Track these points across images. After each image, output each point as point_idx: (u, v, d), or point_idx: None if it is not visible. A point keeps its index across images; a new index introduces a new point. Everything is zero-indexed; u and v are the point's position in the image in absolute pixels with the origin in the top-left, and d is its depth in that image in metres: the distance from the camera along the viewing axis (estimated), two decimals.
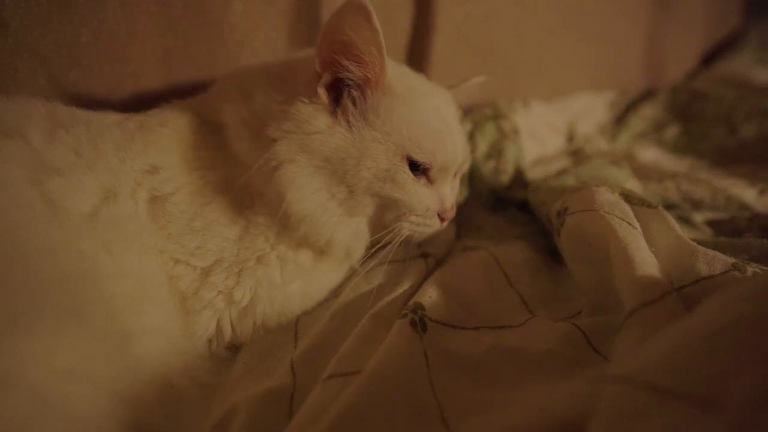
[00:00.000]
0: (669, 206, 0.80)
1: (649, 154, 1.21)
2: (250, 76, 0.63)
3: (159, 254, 0.55)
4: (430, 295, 0.56)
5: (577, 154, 1.09)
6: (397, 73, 0.61)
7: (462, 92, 0.76)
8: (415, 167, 0.60)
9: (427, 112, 0.61)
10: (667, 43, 1.70)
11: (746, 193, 0.86)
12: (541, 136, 1.11)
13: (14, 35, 0.63)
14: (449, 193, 0.66)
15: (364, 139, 0.57)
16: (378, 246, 0.62)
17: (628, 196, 0.62)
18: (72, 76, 0.69)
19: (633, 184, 0.86)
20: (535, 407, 0.40)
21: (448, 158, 0.62)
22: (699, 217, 0.82)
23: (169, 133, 0.59)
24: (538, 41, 1.29)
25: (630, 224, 0.54)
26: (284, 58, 0.66)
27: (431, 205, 0.63)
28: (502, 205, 0.89)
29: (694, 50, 1.88)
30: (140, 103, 0.74)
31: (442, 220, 0.64)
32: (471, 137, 0.92)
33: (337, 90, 0.58)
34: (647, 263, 0.49)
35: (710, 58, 1.90)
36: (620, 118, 1.35)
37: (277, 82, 0.60)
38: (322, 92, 0.57)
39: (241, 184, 0.58)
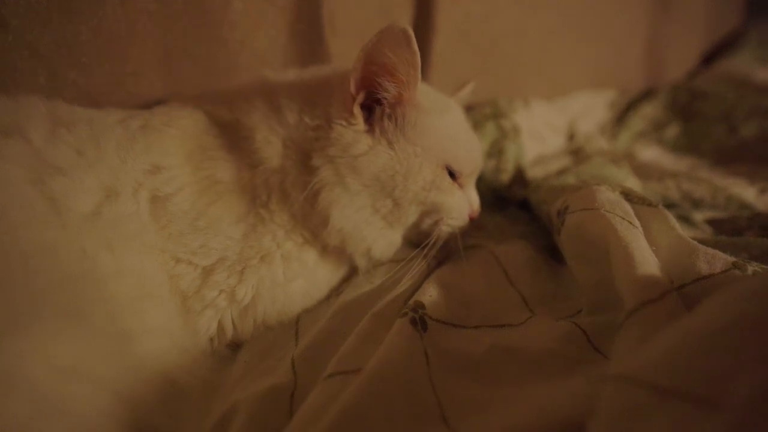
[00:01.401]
0: (669, 205, 0.80)
1: (650, 153, 1.21)
2: (276, 91, 0.63)
3: (160, 253, 0.54)
4: (430, 294, 0.56)
5: (577, 153, 1.09)
6: (421, 89, 0.62)
7: (458, 100, 0.79)
8: (450, 175, 0.64)
9: (454, 124, 0.67)
10: (667, 43, 1.69)
11: (746, 192, 0.86)
12: (541, 135, 1.11)
13: (14, 33, 0.63)
14: (475, 194, 0.70)
15: (408, 155, 0.60)
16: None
17: (628, 195, 0.62)
18: (72, 74, 0.69)
19: (633, 183, 0.86)
20: (535, 407, 0.40)
21: (476, 164, 0.69)
22: (699, 216, 0.82)
23: (174, 132, 0.59)
24: (538, 41, 1.29)
25: (631, 223, 0.54)
26: (308, 77, 0.66)
27: (464, 207, 0.67)
28: (503, 204, 0.89)
29: (694, 50, 1.88)
30: (140, 101, 0.74)
31: (471, 219, 0.68)
32: None
33: (367, 108, 0.60)
34: (648, 262, 0.49)
35: (710, 57, 1.90)
36: (620, 117, 1.35)
37: (306, 105, 0.61)
38: (358, 112, 0.59)
39: (260, 182, 0.59)
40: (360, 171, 0.58)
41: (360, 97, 0.59)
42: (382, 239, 0.63)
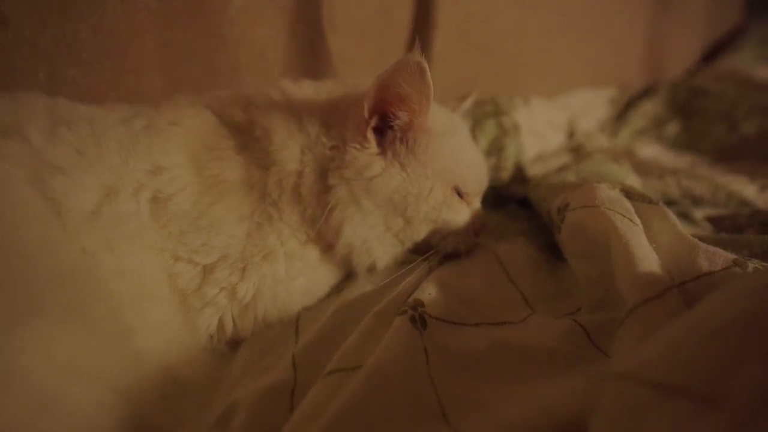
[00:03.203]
0: (669, 202, 0.80)
1: (650, 151, 1.21)
2: (296, 105, 0.63)
3: (160, 253, 0.54)
4: (429, 292, 0.56)
5: (577, 151, 1.09)
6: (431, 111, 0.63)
7: (461, 112, 0.81)
8: (458, 193, 0.66)
9: (463, 147, 0.69)
10: (668, 42, 1.69)
11: (747, 189, 0.86)
12: (541, 133, 1.11)
13: (14, 31, 0.63)
14: (480, 209, 0.71)
15: (420, 177, 0.62)
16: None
17: (628, 192, 0.62)
18: (71, 72, 0.68)
19: (633, 181, 0.86)
20: (535, 404, 0.40)
21: (483, 184, 0.71)
22: (699, 214, 0.82)
23: (180, 131, 0.59)
24: (538, 40, 1.29)
25: (631, 220, 0.54)
26: (323, 96, 0.66)
27: (469, 222, 0.68)
28: (503, 201, 0.89)
29: (694, 48, 1.88)
30: (140, 99, 0.73)
31: (476, 234, 0.69)
32: (472, 134, 0.92)
33: (379, 131, 0.62)
34: (648, 259, 0.49)
35: (711, 55, 1.90)
36: (620, 115, 1.35)
37: (323, 126, 0.62)
38: (371, 136, 0.60)
39: (272, 182, 0.59)
40: (374, 192, 0.60)
41: (373, 122, 0.60)
42: (387, 255, 0.65)
